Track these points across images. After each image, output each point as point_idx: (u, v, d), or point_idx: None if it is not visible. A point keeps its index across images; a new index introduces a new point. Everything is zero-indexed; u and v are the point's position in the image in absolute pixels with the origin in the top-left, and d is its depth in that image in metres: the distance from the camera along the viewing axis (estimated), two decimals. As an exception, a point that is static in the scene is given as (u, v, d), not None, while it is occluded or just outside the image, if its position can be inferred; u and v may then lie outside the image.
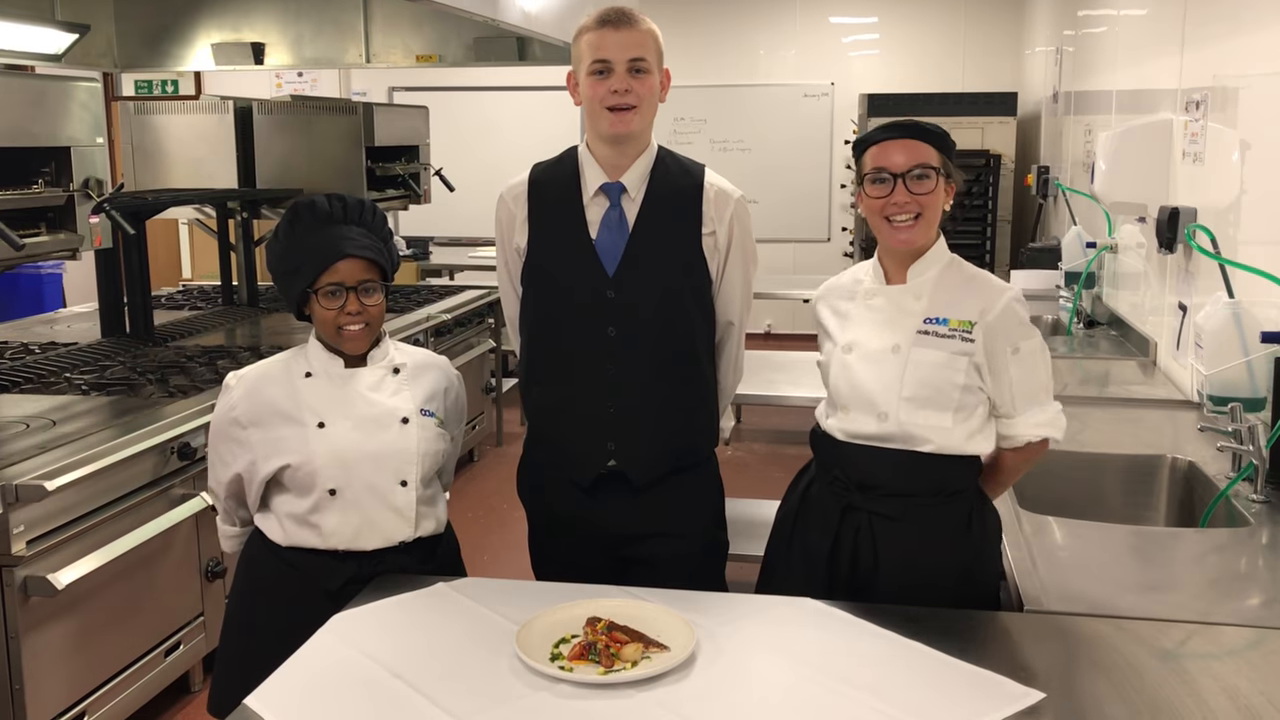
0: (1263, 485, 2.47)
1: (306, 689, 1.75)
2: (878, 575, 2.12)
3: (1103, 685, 1.71)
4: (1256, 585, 2.11)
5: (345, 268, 2.11)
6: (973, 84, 8.47)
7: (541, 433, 2.43)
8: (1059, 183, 6.00)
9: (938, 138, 2.11)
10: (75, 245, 3.44)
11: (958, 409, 2.08)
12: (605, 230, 2.29)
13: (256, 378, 2.22)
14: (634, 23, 2.23)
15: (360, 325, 2.14)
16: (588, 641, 1.80)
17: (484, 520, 5.24)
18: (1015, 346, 2.09)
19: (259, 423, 2.17)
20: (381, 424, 2.17)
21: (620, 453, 2.32)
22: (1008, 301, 2.09)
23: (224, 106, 5.34)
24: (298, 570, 2.16)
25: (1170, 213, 3.29)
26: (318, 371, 2.18)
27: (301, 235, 2.14)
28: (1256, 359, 2.58)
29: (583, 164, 2.32)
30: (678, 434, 2.37)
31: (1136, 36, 4.35)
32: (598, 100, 2.23)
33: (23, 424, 3.18)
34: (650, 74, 2.24)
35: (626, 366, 2.29)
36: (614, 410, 2.31)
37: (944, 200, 2.12)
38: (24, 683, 2.76)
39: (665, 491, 2.36)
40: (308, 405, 2.15)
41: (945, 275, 2.14)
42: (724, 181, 2.37)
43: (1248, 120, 2.94)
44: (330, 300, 2.11)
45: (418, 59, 5.49)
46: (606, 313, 2.28)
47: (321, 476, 2.11)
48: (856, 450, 2.13)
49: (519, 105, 8.82)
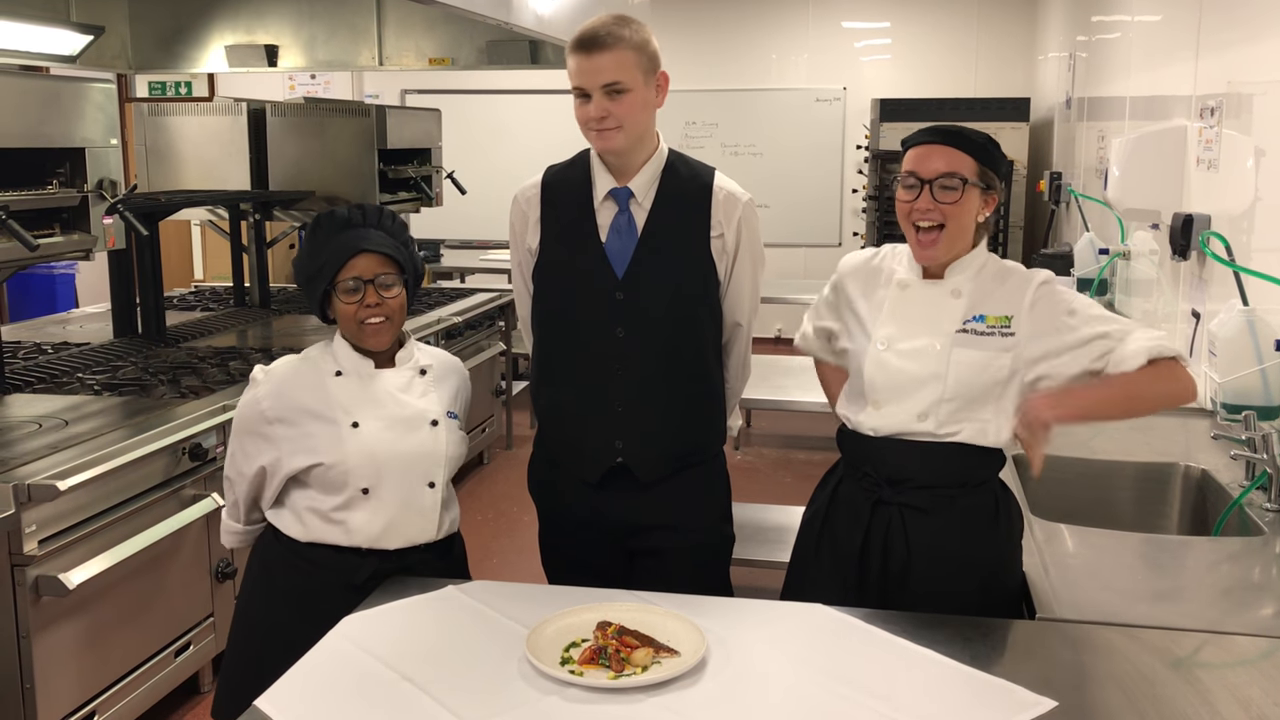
0: (1277, 494, 2.46)
1: (316, 691, 1.75)
2: (910, 570, 2.13)
3: (1115, 694, 1.70)
4: (1270, 594, 2.10)
5: (361, 262, 2.14)
6: (985, 89, 8.46)
7: (551, 430, 2.46)
8: (1072, 189, 5.99)
9: (978, 147, 2.09)
10: (89, 246, 3.45)
11: (999, 401, 2.10)
12: (615, 234, 2.32)
13: (285, 374, 2.23)
14: (607, 46, 2.19)
15: (381, 319, 2.16)
16: (598, 646, 1.79)
17: (493, 524, 5.25)
18: (1071, 309, 2.08)
19: (286, 419, 2.17)
20: (412, 425, 2.19)
21: (628, 450, 2.34)
22: (1039, 284, 2.11)
23: (237, 108, 5.35)
24: (316, 566, 2.17)
25: (1184, 219, 3.28)
26: (348, 370, 2.20)
27: (322, 241, 2.18)
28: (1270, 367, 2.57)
29: (593, 168, 2.35)
30: (685, 432, 2.39)
31: (1151, 42, 4.34)
32: (582, 122, 2.27)
33: (35, 423, 3.19)
34: (628, 93, 2.21)
35: (634, 367, 2.32)
36: (622, 409, 2.33)
37: (979, 211, 2.11)
38: (34, 682, 2.77)
39: (672, 487, 2.38)
40: (340, 404, 2.17)
41: (984, 272, 2.15)
42: (733, 184, 2.38)
43: (1262, 127, 2.93)
44: (349, 295, 2.14)
45: (430, 62, 5.50)
46: (615, 314, 2.31)
47: (355, 475, 2.13)
48: (886, 444, 2.14)
49: (531, 108, 8.84)
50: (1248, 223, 2.98)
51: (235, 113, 5.35)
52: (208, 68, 5.56)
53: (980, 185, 2.08)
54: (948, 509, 2.12)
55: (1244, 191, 3.00)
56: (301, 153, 5.41)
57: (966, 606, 2.04)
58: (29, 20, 4.14)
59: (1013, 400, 2.11)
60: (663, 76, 2.30)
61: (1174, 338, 3.68)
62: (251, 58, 5.43)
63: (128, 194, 3.71)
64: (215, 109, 5.40)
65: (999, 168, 2.12)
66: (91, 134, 3.46)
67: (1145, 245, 4.20)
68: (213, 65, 5.53)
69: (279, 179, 5.42)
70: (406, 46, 5.49)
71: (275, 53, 5.47)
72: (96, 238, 3.47)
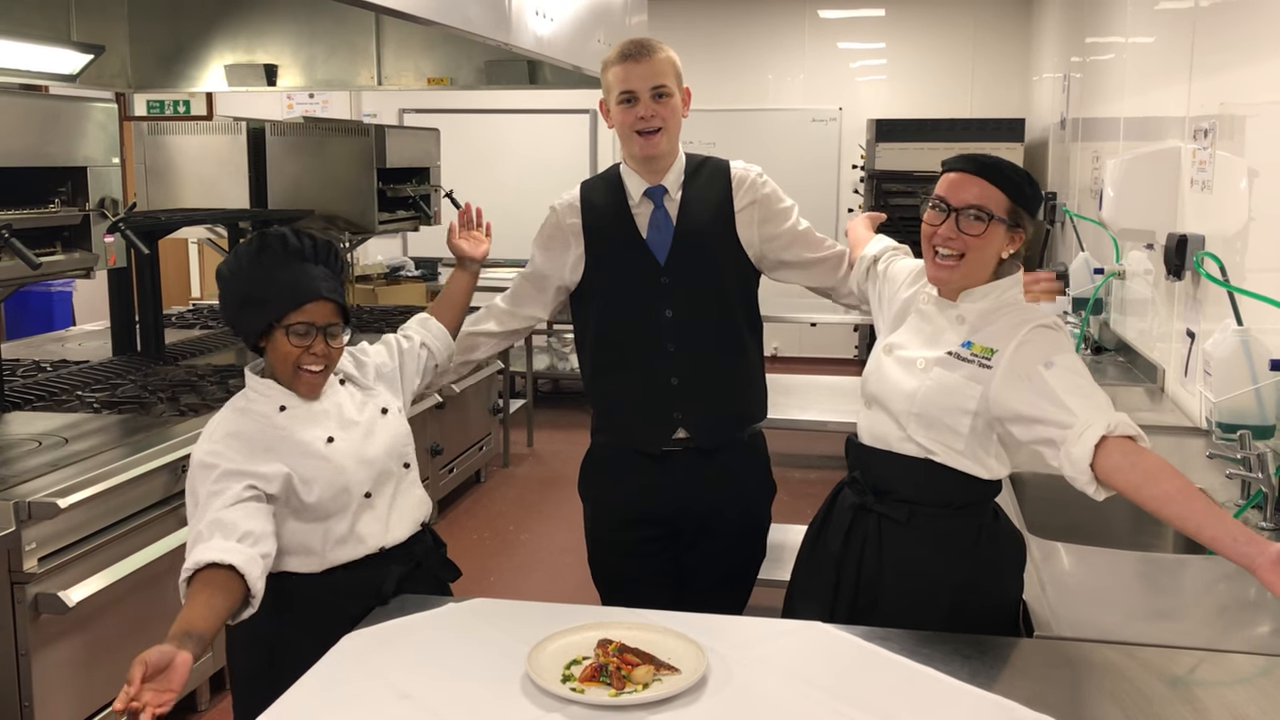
0: (1272, 513, 2.47)
1: (317, 711, 1.75)
2: (880, 580, 2.15)
3: (1112, 711, 1.71)
4: (1266, 613, 2.11)
5: (316, 309, 2.09)
6: (980, 110, 8.50)
7: (611, 416, 2.66)
8: (1067, 209, 6.02)
9: (1013, 184, 2.06)
10: (90, 264, 3.46)
11: (970, 432, 2.08)
12: (654, 229, 2.56)
13: (228, 433, 2.09)
14: (653, 53, 2.47)
15: (320, 368, 2.12)
16: (599, 663, 1.80)
17: (490, 543, 5.25)
18: (1049, 361, 1.99)
19: (257, 458, 2.06)
20: (371, 423, 2.22)
21: (687, 420, 2.56)
22: (1035, 325, 2.04)
23: (237, 127, 5.38)
24: (338, 590, 2.12)
25: (1179, 240, 3.30)
26: (291, 403, 2.14)
27: (270, 268, 2.10)
28: (1265, 386, 2.59)
29: (625, 176, 2.59)
30: (735, 399, 2.63)
31: (1145, 64, 4.38)
32: (628, 126, 2.49)
33: (35, 441, 3.19)
34: (672, 96, 2.49)
35: (685, 342, 2.54)
36: (677, 382, 2.55)
37: (1003, 247, 2.08)
38: (34, 700, 2.77)
39: (727, 460, 2.60)
40: (304, 430, 2.12)
41: (999, 307, 2.11)
42: (743, 165, 2.66)
43: (1255, 148, 2.95)
44: (299, 339, 2.08)
45: (429, 82, 5.53)
46: (663, 298, 2.54)
47: (354, 484, 2.14)
48: (874, 454, 2.18)
49: (529, 128, 8.86)
50: (1241, 243, 3.01)
51: (235, 132, 5.38)
52: (207, 87, 5.58)
53: (1007, 223, 2.06)
54: (926, 527, 2.13)
55: (1238, 212, 3.02)
56: (301, 172, 5.43)
57: (931, 624, 2.02)
58: (30, 40, 4.16)
59: (988, 438, 2.09)
60: (687, 91, 2.56)
61: (1169, 357, 3.70)
62: (251, 77, 5.45)
63: (128, 212, 3.73)
64: (215, 128, 5.42)
65: (1031, 208, 2.09)
66: (93, 153, 3.47)
67: (1140, 265, 4.22)
68: (212, 84, 5.55)
69: (278, 198, 5.43)
70: (405, 66, 5.52)
71: (275, 72, 5.49)
72: (98, 256, 3.48)
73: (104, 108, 3.54)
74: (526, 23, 4.47)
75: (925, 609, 2.09)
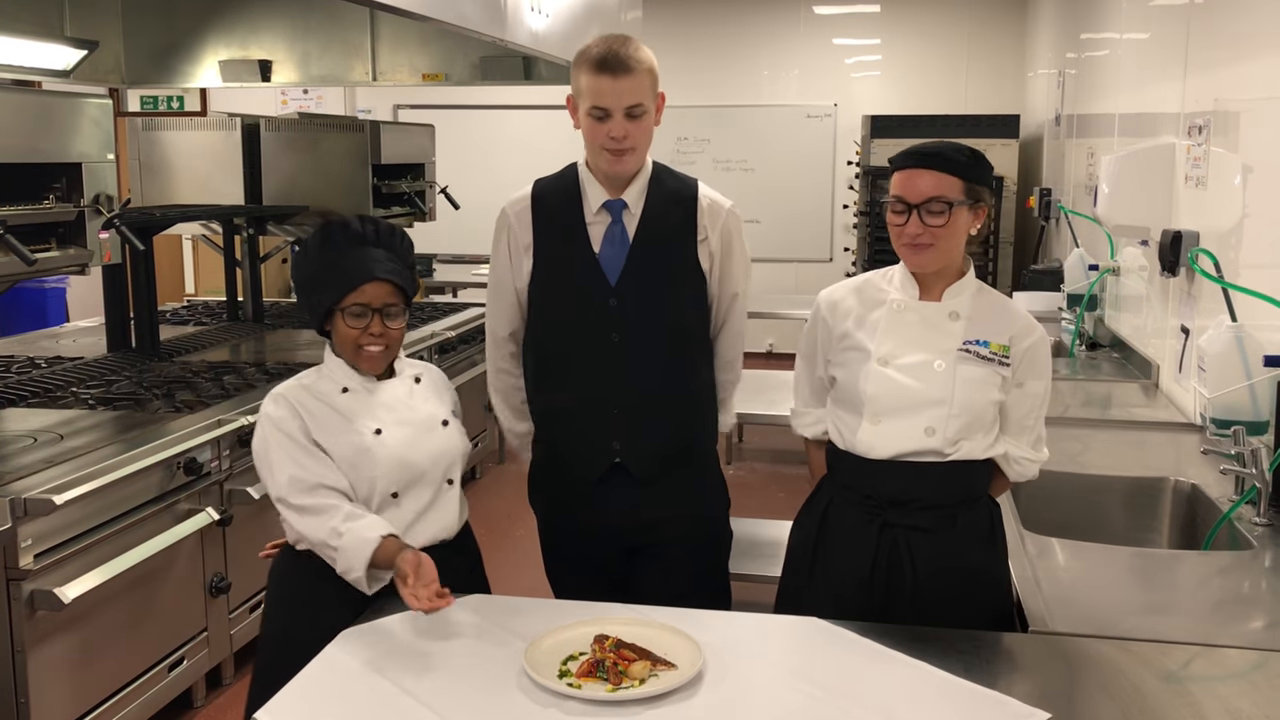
0: (1265, 508, 2.48)
1: (315, 704, 1.76)
2: (917, 591, 2.14)
3: (1107, 706, 1.72)
4: (1259, 608, 2.12)
5: (372, 290, 2.16)
6: (975, 106, 8.51)
7: (550, 434, 2.53)
8: (1061, 205, 6.02)
9: (962, 167, 2.09)
10: (85, 260, 3.46)
11: (992, 420, 2.16)
12: (608, 244, 2.39)
13: (298, 396, 2.19)
14: (630, 68, 2.26)
15: (380, 347, 2.19)
16: (596, 659, 1.81)
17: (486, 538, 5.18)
18: (1021, 382, 2.16)
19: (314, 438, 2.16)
20: (427, 427, 2.24)
21: (625, 450, 2.42)
22: (1039, 339, 2.17)
23: (231, 123, 5.36)
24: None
25: (1173, 236, 3.31)
26: (353, 386, 2.22)
27: (332, 254, 2.19)
28: (1259, 382, 2.59)
29: (584, 182, 2.41)
30: (678, 430, 2.47)
31: (1139, 60, 4.38)
32: (597, 141, 2.32)
33: (30, 438, 3.19)
34: (646, 114, 2.31)
35: (628, 370, 2.40)
36: (617, 411, 2.41)
37: (969, 225, 2.13)
38: (29, 696, 2.77)
39: (669, 483, 2.45)
40: (357, 416, 2.18)
41: (979, 298, 2.18)
42: (716, 194, 2.47)
43: (1249, 144, 2.96)
44: (355, 320, 2.16)
45: (424, 78, 5.52)
46: (610, 321, 2.38)
47: (383, 482, 2.15)
48: (888, 467, 2.14)
49: (524, 124, 8.86)
50: (1236, 239, 3.01)
51: (229, 127, 5.36)
52: (201, 82, 5.57)
53: (968, 203, 2.10)
54: (949, 527, 2.15)
55: (1232, 208, 3.03)
56: (295, 167, 5.42)
57: (972, 622, 2.06)
58: (23, 35, 4.15)
59: (997, 425, 2.19)
60: (661, 97, 2.37)
61: (1163, 353, 3.71)
62: (245, 73, 5.44)
63: (122, 209, 3.72)
64: (209, 124, 5.41)
65: (985, 180, 2.13)
66: (88, 149, 3.47)
67: (1135, 261, 4.23)
68: (206, 80, 5.54)
69: (272, 194, 5.42)
70: (400, 62, 5.51)
71: (269, 68, 5.48)
72: (93, 252, 3.47)
73: (98, 103, 3.53)
74: (521, 18, 4.47)
75: (963, 609, 2.11)
